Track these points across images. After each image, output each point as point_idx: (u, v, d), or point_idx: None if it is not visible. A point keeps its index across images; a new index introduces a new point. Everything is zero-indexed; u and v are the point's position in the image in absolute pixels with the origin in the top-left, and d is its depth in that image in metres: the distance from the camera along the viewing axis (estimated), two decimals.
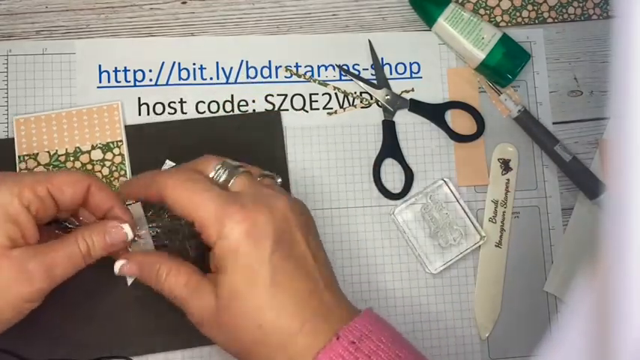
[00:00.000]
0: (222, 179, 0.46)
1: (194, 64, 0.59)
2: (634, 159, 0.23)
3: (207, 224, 0.43)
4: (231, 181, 0.46)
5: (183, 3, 0.61)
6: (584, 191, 0.60)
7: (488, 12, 0.63)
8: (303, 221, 0.46)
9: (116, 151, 0.56)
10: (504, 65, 0.60)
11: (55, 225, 0.49)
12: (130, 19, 0.60)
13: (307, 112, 0.60)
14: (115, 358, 0.53)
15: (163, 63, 0.59)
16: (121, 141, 0.56)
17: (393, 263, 0.58)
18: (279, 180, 0.51)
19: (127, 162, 0.56)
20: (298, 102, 0.60)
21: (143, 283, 0.47)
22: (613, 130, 0.24)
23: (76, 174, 0.46)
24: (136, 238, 0.47)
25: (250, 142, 0.58)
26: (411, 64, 0.62)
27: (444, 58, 0.62)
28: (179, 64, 0.59)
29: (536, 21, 0.64)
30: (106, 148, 0.56)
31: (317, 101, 0.60)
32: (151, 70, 0.59)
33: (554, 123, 0.62)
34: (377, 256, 0.58)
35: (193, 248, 0.50)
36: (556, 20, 0.64)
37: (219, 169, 0.46)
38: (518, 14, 0.64)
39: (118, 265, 0.46)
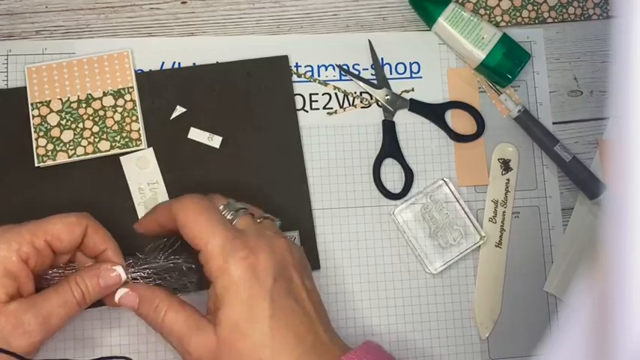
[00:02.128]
0: (227, 218, 0.47)
1: (194, 64, 0.59)
2: (634, 159, 0.23)
3: (212, 256, 0.44)
4: (235, 220, 0.47)
5: (183, 3, 0.61)
6: (584, 191, 0.60)
7: (488, 12, 0.63)
8: (300, 262, 0.47)
9: (127, 97, 0.57)
10: (504, 65, 0.60)
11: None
12: (130, 19, 0.60)
13: (307, 112, 0.60)
14: (115, 357, 0.53)
15: (163, 63, 0.59)
16: (132, 87, 0.57)
17: (393, 263, 0.58)
18: (279, 223, 0.51)
19: (138, 108, 0.57)
20: (298, 102, 0.60)
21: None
22: (613, 130, 0.24)
23: (72, 218, 0.46)
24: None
25: (260, 87, 0.59)
26: (411, 64, 0.62)
27: (444, 58, 0.62)
28: (179, 64, 0.59)
29: (536, 21, 0.64)
30: (118, 94, 0.57)
31: (317, 101, 0.60)
32: (151, 70, 0.59)
33: (554, 123, 0.62)
34: (377, 256, 0.58)
35: (193, 283, 0.50)
36: (556, 20, 0.64)
37: (223, 208, 0.47)
38: (518, 14, 0.64)
39: (119, 294, 0.46)
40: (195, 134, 0.58)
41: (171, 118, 0.58)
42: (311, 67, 0.61)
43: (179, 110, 0.58)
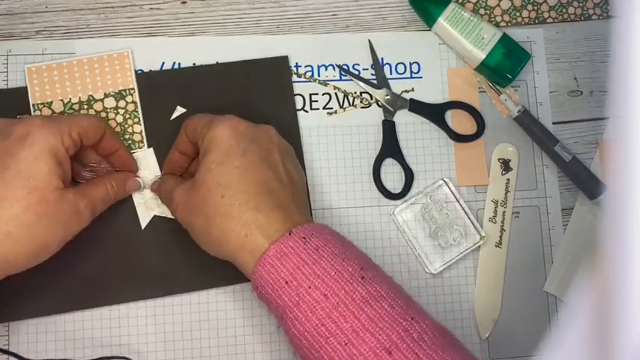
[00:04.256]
0: None
1: (194, 64, 0.59)
2: (634, 159, 0.23)
3: (202, 125, 0.51)
4: None
5: (183, 3, 0.61)
6: (584, 191, 0.60)
7: (488, 12, 0.63)
8: (283, 147, 0.53)
9: (129, 98, 0.57)
10: (504, 65, 0.60)
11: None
12: (130, 19, 0.60)
13: (307, 112, 0.60)
14: (115, 357, 0.53)
15: (163, 63, 0.59)
16: (132, 89, 0.57)
17: (393, 263, 0.58)
18: None
19: (139, 109, 0.57)
20: (298, 102, 0.60)
21: (157, 228, 0.56)
22: (613, 130, 0.24)
23: (96, 119, 0.53)
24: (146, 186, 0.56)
25: (260, 87, 0.59)
26: (411, 64, 0.62)
27: (444, 58, 0.62)
28: (179, 64, 0.59)
29: (536, 21, 0.64)
30: (119, 95, 0.57)
31: (317, 101, 0.60)
32: (151, 70, 0.59)
33: (554, 123, 0.62)
34: (377, 256, 0.58)
35: None
36: (556, 20, 0.64)
37: None
38: (518, 14, 0.64)
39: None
40: None
41: (172, 118, 0.58)
42: (311, 67, 0.61)
43: (179, 110, 0.58)
